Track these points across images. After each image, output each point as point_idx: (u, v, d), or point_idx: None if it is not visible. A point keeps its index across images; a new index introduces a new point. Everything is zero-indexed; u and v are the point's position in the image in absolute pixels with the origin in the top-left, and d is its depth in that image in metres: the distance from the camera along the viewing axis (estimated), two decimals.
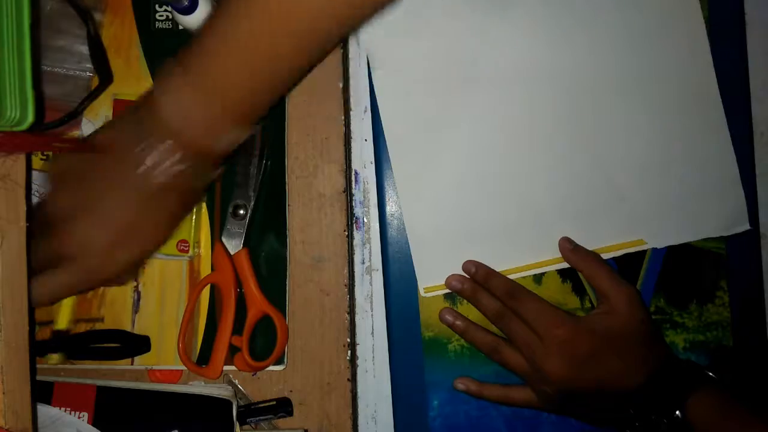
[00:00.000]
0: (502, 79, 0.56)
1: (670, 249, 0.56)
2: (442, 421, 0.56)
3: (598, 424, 0.53)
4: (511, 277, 0.55)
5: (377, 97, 0.56)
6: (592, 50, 0.56)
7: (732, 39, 0.57)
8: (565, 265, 0.55)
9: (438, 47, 0.56)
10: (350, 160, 0.57)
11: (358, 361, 0.57)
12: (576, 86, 0.56)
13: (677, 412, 0.46)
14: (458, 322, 0.54)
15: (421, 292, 0.56)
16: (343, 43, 0.57)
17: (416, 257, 0.56)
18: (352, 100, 0.58)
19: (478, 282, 0.55)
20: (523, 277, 0.56)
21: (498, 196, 0.55)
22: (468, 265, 0.55)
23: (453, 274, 0.55)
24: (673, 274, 0.56)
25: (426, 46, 0.56)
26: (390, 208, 0.57)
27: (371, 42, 0.56)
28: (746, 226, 0.56)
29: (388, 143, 0.56)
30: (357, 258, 0.57)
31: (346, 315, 0.56)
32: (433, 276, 0.56)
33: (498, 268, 0.55)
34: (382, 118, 0.56)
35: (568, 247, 0.54)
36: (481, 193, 0.56)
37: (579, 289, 0.56)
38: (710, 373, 0.49)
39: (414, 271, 0.56)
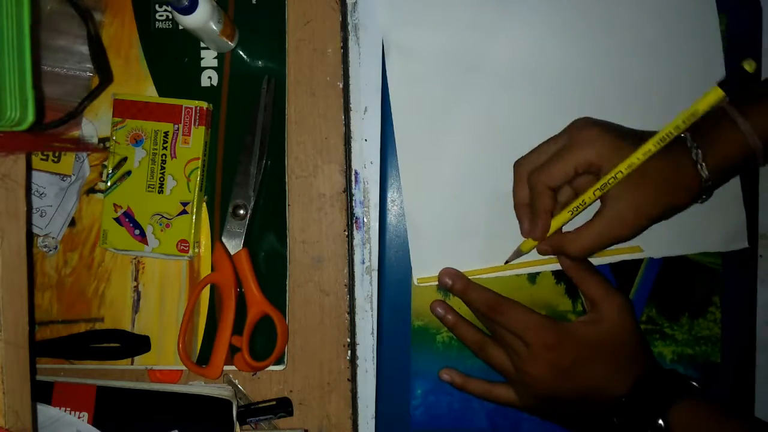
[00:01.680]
0: (513, 74, 0.56)
1: (666, 260, 0.56)
2: (424, 410, 0.56)
3: (580, 431, 0.52)
4: (506, 274, 0.56)
5: (388, 81, 0.56)
6: (603, 51, 0.56)
7: (748, 54, 0.56)
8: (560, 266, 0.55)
9: (454, 37, 0.56)
10: (350, 160, 0.57)
11: (358, 361, 0.57)
12: (583, 87, 0.56)
13: (660, 421, 0.46)
14: (449, 316, 0.54)
15: (415, 282, 0.56)
16: (343, 43, 0.57)
17: (413, 246, 0.56)
18: (352, 100, 0.58)
19: (456, 295, 0.54)
20: (518, 275, 0.56)
21: (499, 192, 0.55)
22: (444, 279, 0.55)
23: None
24: (667, 286, 0.56)
25: (442, 35, 0.56)
26: (391, 194, 0.57)
27: (388, 26, 0.56)
28: (744, 244, 0.56)
29: (395, 128, 0.56)
30: (357, 258, 0.57)
31: (346, 315, 0.56)
32: (427, 267, 0.56)
33: (494, 264, 0.55)
34: (391, 102, 0.56)
35: None
36: (483, 187, 0.56)
37: (572, 291, 0.56)
38: (694, 383, 0.48)
39: (409, 260, 0.56)
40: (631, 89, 0.56)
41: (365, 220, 0.58)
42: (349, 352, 0.56)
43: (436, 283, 0.56)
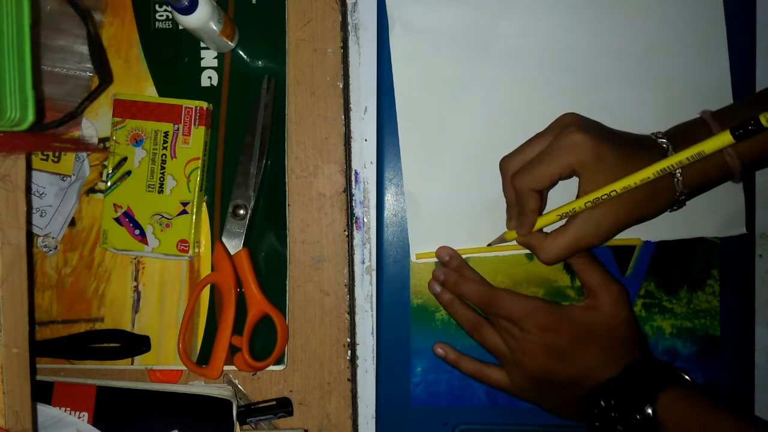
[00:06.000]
0: (520, 57, 0.56)
1: None
2: (424, 387, 0.57)
3: (567, 418, 0.52)
4: (504, 254, 0.56)
5: (392, 56, 0.56)
6: (609, 38, 0.56)
7: (742, 40, 0.56)
8: None
9: (460, 16, 0.56)
10: (350, 160, 0.57)
11: (358, 361, 0.57)
12: (589, 74, 0.56)
13: (648, 409, 0.46)
14: (445, 295, 0.55)
15: (413, 258, 0.56)
16: (343, 43, 0.57)
17: (412, 222, 0.56)
18: (352, 100, 0.58)
19: (450, 278, 0.54)
20: (516, 254, 0.56)
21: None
22: (442, 254, 0.55)
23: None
24: (665, 259, 0.56)
25: (449, 13, 0.56)
26: (388, 171, 0.57)
27: (394, 2, 0.56)
28: (742, 230, 0.56)
29: (397, 104, 0.56)
30: (357, 258, 0.57)
31: (346, 315, 0.56)
32: (426, 243, 0.56)
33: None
34: (394, 78, 0.56)
35: None
36: (485, 167, 0.56)
37: (570, 267, 0.56)
38: (686, 376, 0.48)
39: (408, 238, 0.56)
40: (637, 69, 0.56)
41: (365, 220, 0.58)
42: (349, 352, 0.56)
43: (434, 259, 0.56)
